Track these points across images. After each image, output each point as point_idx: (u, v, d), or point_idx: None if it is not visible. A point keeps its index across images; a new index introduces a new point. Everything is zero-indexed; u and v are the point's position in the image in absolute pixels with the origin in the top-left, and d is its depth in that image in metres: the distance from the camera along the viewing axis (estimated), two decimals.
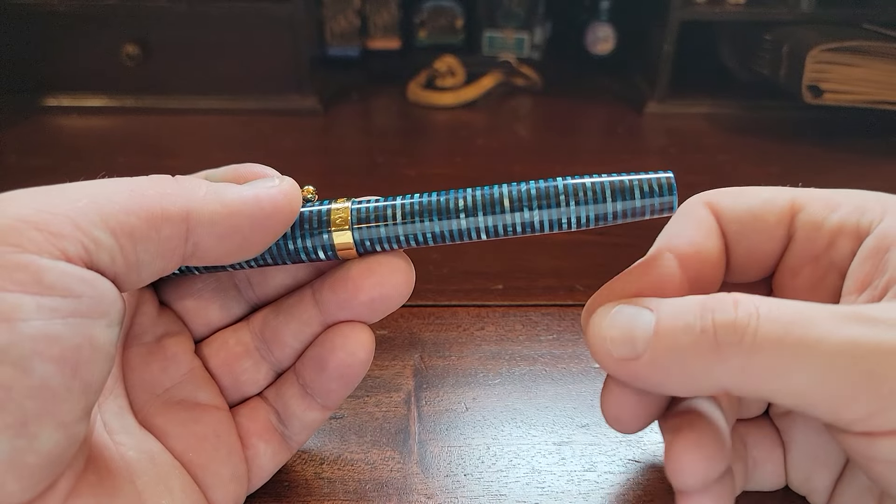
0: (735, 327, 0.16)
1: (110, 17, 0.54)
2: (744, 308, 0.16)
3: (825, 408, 0.15)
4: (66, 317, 0.14)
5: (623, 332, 0.17)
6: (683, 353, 0.16)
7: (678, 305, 0.17)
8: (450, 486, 0.22)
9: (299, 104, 0.57)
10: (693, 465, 0.17)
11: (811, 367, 0.15)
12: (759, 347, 0.15)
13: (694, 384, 0.17)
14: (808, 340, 0.15)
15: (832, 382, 0.15)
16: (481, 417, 0.25)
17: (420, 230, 0.19)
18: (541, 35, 0.68)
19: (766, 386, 0.16)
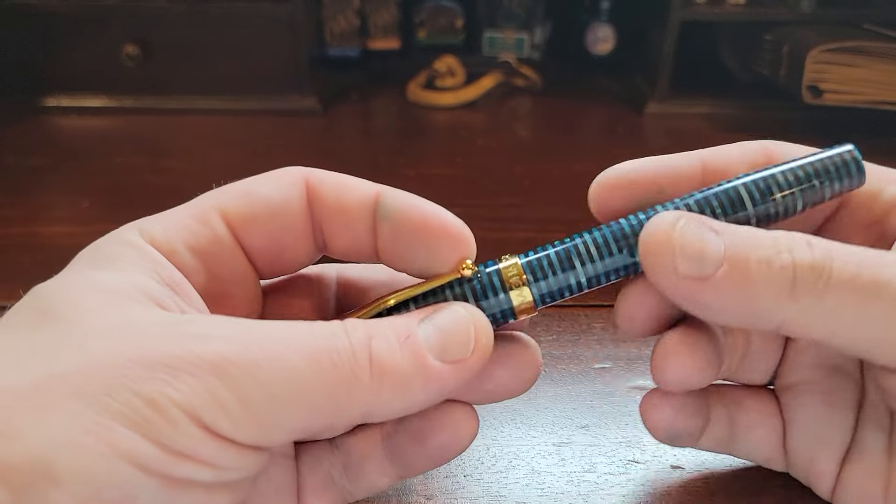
0: (813, 268, 0.16)
1: (110, 18, 0.54)
2: (819, 250, 0.16)
3: (889, 349, 0.16)
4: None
5: (692, 248, 0.16)
6: (755, 285, 0.16)
7: (750, 236, 0.16)
8: (449, 486, 0.22)
9: (299, 104, 0.57)
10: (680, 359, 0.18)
11: (881, 308, 0.15)
12: (833, 287, 0.15)
13: (754, 317, 0.16)
14: (879, 281, 0.15)
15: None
16: (481, 418, 0.24)
17: (603, 268, 0.18)
18: (541, 35, 0.68)
19: (831, 327, 0.16)
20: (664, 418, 0.20)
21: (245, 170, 0.43)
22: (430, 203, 0.18)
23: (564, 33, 0.70)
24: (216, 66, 0.56)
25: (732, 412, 0.21)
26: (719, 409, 0.21)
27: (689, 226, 0.16)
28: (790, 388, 0.21)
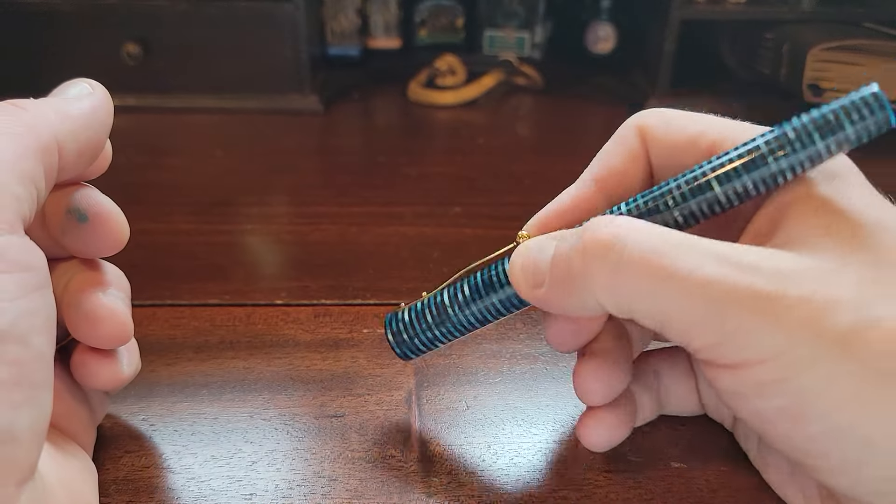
0: (600, 243, 0.17)
1: (111, 17, 0.54)
2: (613, 227, 0.18)
3: (677, 333, 0.17)
4: (37, 290, 0.15)
5: (530, 268, 0.20)
6: (567, 272, 0.18)
7: (573, 231, 0.19)
8: (451, 484, 0.22)
9: (300, 103, 0.57)
10: (594, 385, 0.21)
11: (667, 294, 0.17)
12: (624, 266, 0.17)
13: (581, 302, 0.19)
14: (668, 270, 0.17)
15: (684, 311, 0.17)
16: (482, 416, 0.25)
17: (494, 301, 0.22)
18: (541, 34, 0.68)
19: (629, 305, 0.17)
20: (601, 441, 0.22)
21: (245, 169, 0.43)
22: None
23: (565, 32, 0.70)
24: (217, 65, 0.56)
25: (653, 387, 0.23)
26: (642, 392, 0.23)
27: (530, 245, 0.20)
28: None
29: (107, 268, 0.22)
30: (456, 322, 0.22)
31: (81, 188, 0.20)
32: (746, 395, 0.17)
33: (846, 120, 0.17)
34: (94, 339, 0.20)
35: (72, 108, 0.18)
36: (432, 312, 0.22)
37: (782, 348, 0.16)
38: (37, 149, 0.16)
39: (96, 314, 0.20)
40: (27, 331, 0.15)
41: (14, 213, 0.15)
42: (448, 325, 0.22)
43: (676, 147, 0.21)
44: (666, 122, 0.22)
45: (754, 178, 0.18)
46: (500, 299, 0.21)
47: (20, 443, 0.14)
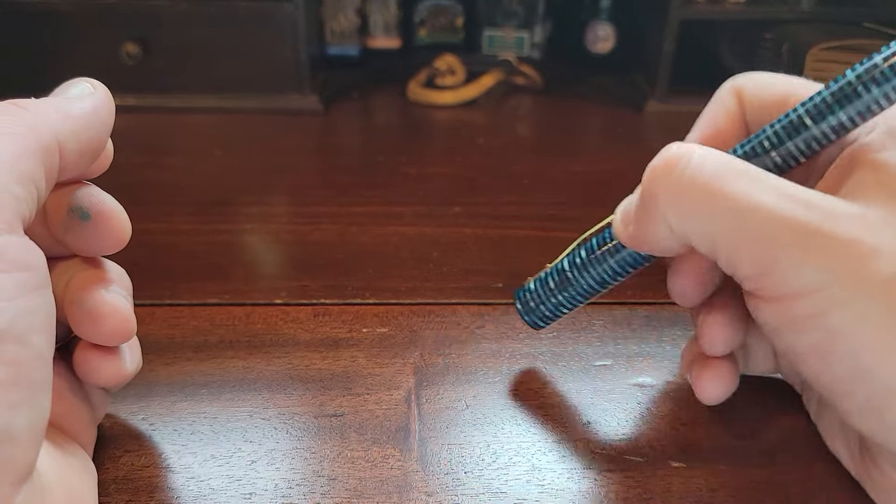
0: (667, 162, 0.18)
1: (110, 16, 0.54)
2: (679, 150, 0.19)
3: (725, 257, 0.18)
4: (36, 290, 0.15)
5: (624, 208, 0.21)
6: (642, 200, 0.19)
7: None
8: (450, 483, 0.22)
9: (299, 103, 0.57)
10: (720, 335, 0.22)
11: (720, 215, 0.17)
12: (685, 185, 0.18)
13: (657, 229, 0.19)
14: (727, 191, 0.17)
15: (734, 234, 0.17)
16: (481, 415, 0.25)
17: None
18: (541, 34, 0.68)
19: (685, 223, 0.18)
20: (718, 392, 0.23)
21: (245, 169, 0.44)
22: None
23: (564, 32, 0.70)
24: (217, 65, 0.56)
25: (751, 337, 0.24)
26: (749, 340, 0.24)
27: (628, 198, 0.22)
28: None
29: (108, 265, 0.22)
30: (578, 287, 0.24)
31: (83, 186, 0.20)
32: (781, 331, 0.17)
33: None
34: (97, 336, 0.20)
35: (73, 108, 0.18)
36: (555, 279, 0.24)
37: (821, 284, 0.16)
38: (37, 149, 0.16)
39: (99, 311, 0.20)
40: (26, 330, 0.15)
41: (13, 213, 0.15)
42: (570, 290, 0.24)
43: (768, 105, 0.22)
44: (758, 83, 0.23)
45: (847, 110, 0.18)
46: (615, 258, 0.23)
47: (18, 443, 0.14)
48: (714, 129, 0.23)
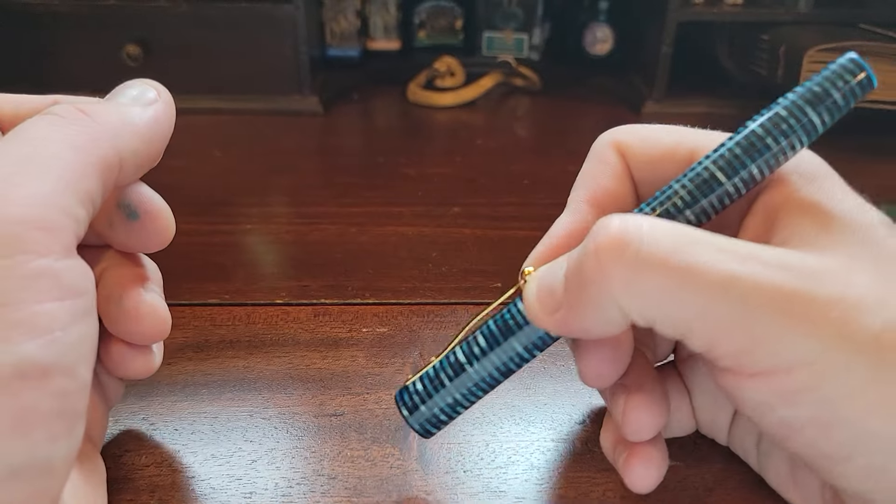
0: (614, 240, 0.16)
1: (111, 18, 0.54)
2: (625, 223, 0.16)
3: (700, 338, 0.16)
4: (86, 316, 0.15)
5: (545, 289, 0.18)
6: (582, 282, 0.17)
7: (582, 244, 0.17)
8: (449, 482, 0.22)
9: (300, 105, 0.57)
10: (646, 420, 0.20)
11: (694, 294, 0.15)
12: (642, 266, 0.15)
13: (602, 313, 0.17)
14: (694, 266, 0.15)
15: (713, 313, 0.15)
16: (480, 414, 0.25)
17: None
18: (539, 36, 0.69)
19: (650, 308, 0.16)
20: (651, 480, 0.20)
21: (245, 169, 0.44)
22: None
23: (563, 34, 0.70)
24: (217, 67, 0.56)
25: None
26: None
27: (541, 273, 0.19)
28: (687, 360, 0.23)
29: (144, 260, 0.21)
30: (477, 379, 0.20)
31: (133, 184, 0.20)
32: (772, 405, 0.16)
33: (831, 87, 0.18)
34: (134, 335, 0.20)
35: (137, 120, 0.18)
36: (448, 374, 0.20)
37: (815, 354, 0.15)
38: (99, 165, 0.16)
39: (138, 311, 0.20)
40: (75, 362, 0.14)
41: (72, 235, 0.15)
42: (469, 385, 0.20)
43: (655, 159, 0.21)
44: (640, 137, 0.21)
45: (759, 162, 0.18)
46: (521, 342, 0.20)
47: (56, 474, 0.14)
48: (602, 189, 0.21)
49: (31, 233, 0.14)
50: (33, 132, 0.16)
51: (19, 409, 0.13)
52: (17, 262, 0.14)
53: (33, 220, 0.14)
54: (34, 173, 0.15)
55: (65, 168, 0.15)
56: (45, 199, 0.14)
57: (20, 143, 0.15)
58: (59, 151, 0.15)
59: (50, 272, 0.14)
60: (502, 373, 0.20)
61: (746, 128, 0.18)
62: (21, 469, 0.13)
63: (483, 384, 0.20)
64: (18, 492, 0.14)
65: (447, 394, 0.20)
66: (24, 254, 0.14)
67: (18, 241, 0.14)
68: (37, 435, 0.14)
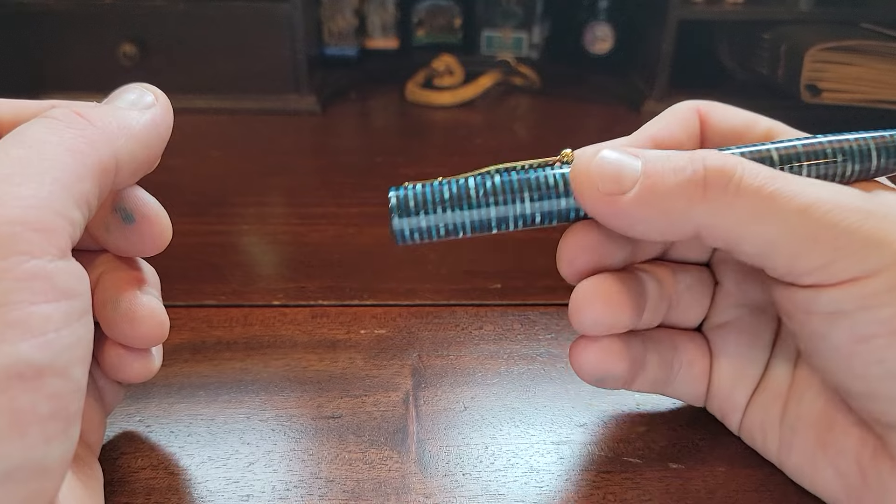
0: (724, 171, 0.18)
1: (107, 17, 0.54)
2: (732, 159, 0.18)
3: (786, 257, 0.17)
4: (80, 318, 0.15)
5: (611, 170, 0.18)
6: (670, 190, 0.18)
7: (664, 153, 0.19)
8: (448, 485, 0.22)
9: (297, 104, 0.57)
10: (594, 306, 0.20)
11: (782, 216, 0.17)
12: (741, 193, 0.17)
13: (671, 224, 0.18)
14: (783, 192, 0.17)
15: (798, 232, 0.17)
16: (479, 417, 0.25)
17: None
18: (539, 34, 0.68)
19: (738, 229, 0.18)
20: (589, 361, 0.21)
21: (242, 169, 0.43)
22: None
23: (563, 32, 0.70)
24: (214, 66, 0.56)
25: (667, 356, 0.23)
26: (653, 353, 0.22)
27: (609, 152, 0.19)
28: (717, 328, 0.23)
29: (141, 263, 0.21)
30: (474, 213, 0.19)
31: (130, 187, 0.20)
32: (850, 312, 0.17)
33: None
34: (132, 339, 0.20)
35: (134, 124, 0.18)
36: (452, 193, 0.19)
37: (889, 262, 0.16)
38: (96, 169, 0.16)
39: (135, 314, 0.20)
40: (69, 363, 0.14)
41: (67, 237, 0.15)
42: (464, 213, 0.19)
43: (734, 130, 0.22)
44: (723, 108, 0.23)
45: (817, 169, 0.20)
46: (535, 204, 0.19)
47: (50, 475, 0.14)
48: (671, 137, 0.22)
49: (27, 234, 0.14)
50: (30, 135, 0.16)
51: (13, 409, 0.13)
52: (12, 263, 0.14)
53: (29, 221, 0.14)
54: (30, 175, 0.15)
55: (61, 170, 0.15)
56: (41, 201, 0.15)
57: (17, 145, 0.16)
58: (55, 154, 0.16)
59: (44, 273, 0.14)
60: (500, 223, 0.20)
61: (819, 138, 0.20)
62: (15, 470, 0.13)
63: (478, 222, 0.20)
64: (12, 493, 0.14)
65: (440, 207, 0.19)
66: (19, 255, 0.14)
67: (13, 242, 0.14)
68: (31, 436, 0.14)
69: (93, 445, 0.21)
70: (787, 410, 0.21)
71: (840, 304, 0.17)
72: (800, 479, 0.21)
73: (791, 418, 0.21)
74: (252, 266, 0.35)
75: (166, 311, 0.21)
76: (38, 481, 0.14)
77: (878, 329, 0.17)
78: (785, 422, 0.21)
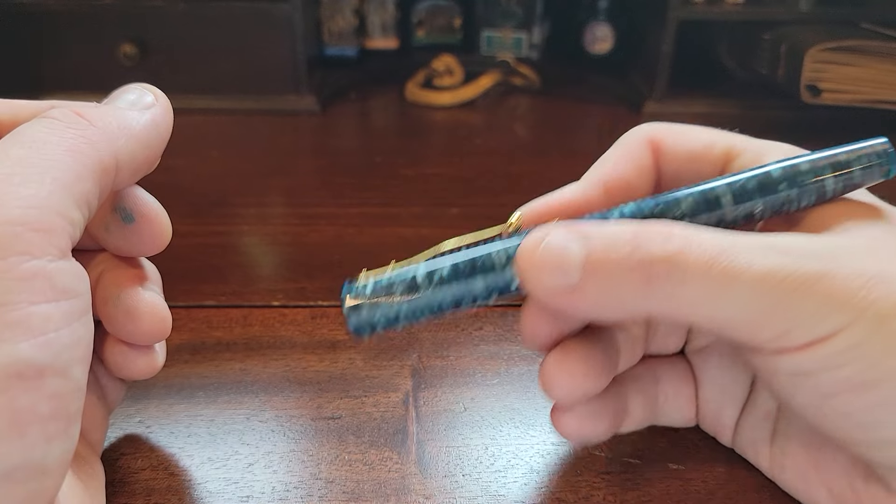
0: (667, 259, 0.17)
1: (107, 17, 0.54)
2: (675, 242, 0.17)
3: (745, 331, 0.17)
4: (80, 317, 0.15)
5: (554, 262, 0.18)
6: (616, 282, 0.17)
7: (610, 234, 0.18)
8: (448, 486, 0.22)
9: (297, 104, 0.57)
10: (561, 380, 0.19)
11: (735, 294, 0.17)
12: (689, 278, 0.17)
13: (622, 311, 0.18)
14: (733, 270, 0.17)
15: (753, 306, 0.17)
16: (479, 417, 0.25)
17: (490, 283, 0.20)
18: (539, 34, 0.68)
19: (692, 312, 0.17)
20: (568, 428, 0.21)
21: (242, 170, 0.43)
22: None
23: (563, 32, 0.70)
24: (214, 66, 0.56)
25: (650, 393, 0.23)
26: (637, 394, 0.22)
27: (554, 239, 0.18)
28: (699, 352, 0.23)
29: (142, 262, 0.21)
30: (427, 303, 0.19)
31: (129, 188, 0.20)
32: (813, 372, 0.17)
33: (856, 164, 0.19)
34: (134, 335, 0.20)
35: (134, 124, 0.18)
36: (402, 288, 0.19)
37: (852, 318, 0.16)
38: (95, 168, 0.16)
39: (138, 310, 0.20)
40: (69, 363, 0.14)
41: (67, 237, 0.15)
42: (417, 305, 0.19)
43: (689, 156, 0.21)
44: (675, 132, 0.22)
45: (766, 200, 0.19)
46: (487, 283, 0.19)
47: (50, 474, 0.14)
48: (621, 178, 0.21)
49: (27, 234, 0.14)
50: (30, 135, 0.16)
51: (14, 409, 0.13)
52: (12, 263, 0.14)
53: (29, 221, 0.14)
54: (30, 175, 0.15)
55: (61, 170, 0.15)
56: (41, 201, 0.15)
57: (16, 145, 0.16)
58: (55, 154, 0.16)
59: (44, 273, 0.14)
60: (454, 303, 0.19)
61: (766, 167, 0.19)
62: (14, 470, 0.13)
63: (432, 309, 0.19)
64: (12, 493, 0.14)
65: (393, 305, 0.19)
66: (19, 255, 0.14)
67: (13, 242, 0.14)
68: (31, 435, 0.14)
69: (95, 444, 0.21)
70: (776, 431, 0.21)
71: (802, 366, 0.17)
72: (794, 494, 0.21)
73: (781, 439, 0.21)
74: (252, 266, 0.35)
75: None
76: (38, 481, 0.14)
77: (842, 387, 0.17)
78: (775, 442, 0.21)
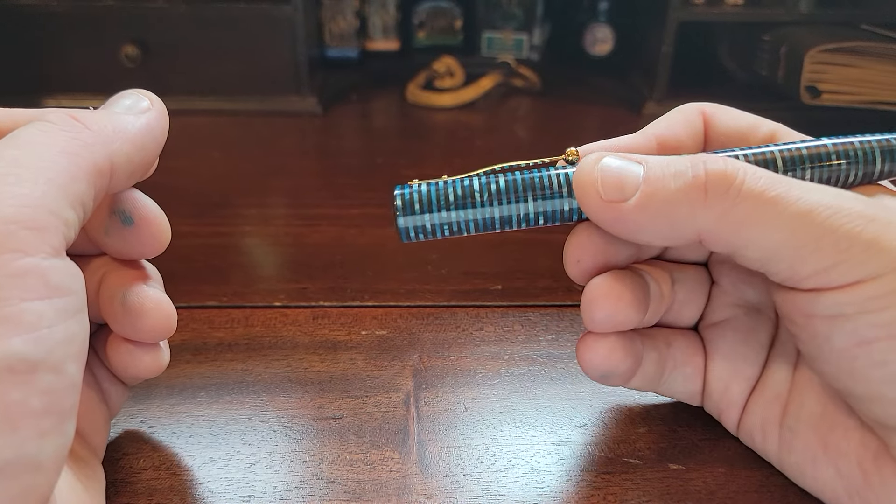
0: (725, 176, 0.18)
1: (109, 18, 0.54)
2: (733, 163, 0.18)
3: (788, 261, 0.18)
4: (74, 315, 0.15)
5: (614, 177, 0.19)
6: (672, 196, 0.18)
7: (666, 159, 0.19)
8: (449, 486, 0.22)
9: (298, 105, 0.57)
10: (607, 301, 0.20)
11: (785, 220, 0.17)
12: (743, 198, 0.17)
13: (673, 230, 0.18)
14: (786, 198, 0.17)
15: (800, 236, 0.17)
16: (480, 418, 0.25)
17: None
18: (539, 36, 0.69)
19: (740, 234, 0.18)
20: (597, 357, 0.21)
21: (244, 171, 0.44)
22: None
23: (563, 34, 0.70)
24: (215, 67, 0.56)
25: (662, 353, 0.23)
26: (650, 350, 0.23)
27: (611, 159, 0.19)
28: (712, 326, 0.24)
29: (144, 263, 0.22)
30: (478, 213, 0.20)
31: (127, 190, 0.20)
32: (852, 315, 0.17)
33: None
34: (139, 332, 0.20)
35: (130, 128, 0.18)
36: (456, 194, 0.20)
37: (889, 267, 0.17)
38: (91, 171, 0.16)
39: (143, 306, 0.20)
40: (62, 359, 0.15)
41: (61, 236, 0.15)
42: (468, 213, 0.20)
43: (739, 131, 0.22)
44: (727, 110, 0.23)
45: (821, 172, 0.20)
46: (540, 205, 0.20)
47: (44, 471, 0.14)
48: (675, 138, 0.22)
49: (20, 232, 0.14)
50: (25, 137, 0.16)
51: (6, 404, 0.13)
52: (5, 260, 0.14)
53: (22, 219, 0.14)
54: (24, 175, 0.15)
55: (55, 171, 0.15)
56: (35, 200, 0.15)
57: (12, 146, 0.16)
58: (49, 155, 0.16)
59: (37, 270, 0.14)
60: (503, 222, 0.20)
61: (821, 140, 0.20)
62: (7, 465, 0.14)
63: (481, 221, 0.20)
64: (6, 488, 0.14)
65: (445, 209, 0.20)
66: (12, 252, 0.14)
67: (6, 240, 0.14)
68: (23, 430, 0.14)
69: (96, 447, 0.21)
70: (787, 412, 0.21)
71: (841, 307, 0.17)
72: (800, 478, 0.21)
73: (791, 420, 0.21)
74: (253, 267, 0.35)
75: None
76: (32, 476, 0.14)
77: (879, 332, 0.17)
78: (785, 423, 0.21)
